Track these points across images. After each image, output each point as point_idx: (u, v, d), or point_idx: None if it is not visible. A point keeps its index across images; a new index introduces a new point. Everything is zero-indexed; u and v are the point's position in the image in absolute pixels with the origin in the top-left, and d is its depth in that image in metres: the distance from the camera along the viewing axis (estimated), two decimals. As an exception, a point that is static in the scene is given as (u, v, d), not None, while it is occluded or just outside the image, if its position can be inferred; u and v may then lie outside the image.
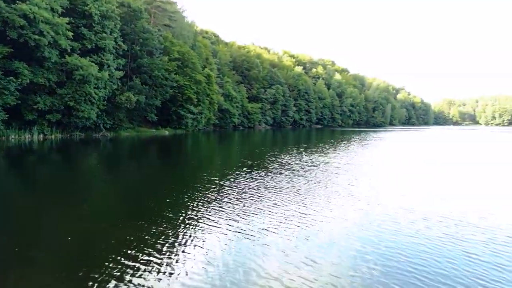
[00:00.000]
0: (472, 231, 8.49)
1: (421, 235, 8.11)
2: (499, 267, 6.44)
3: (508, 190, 13.98)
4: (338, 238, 7.89)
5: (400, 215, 9.73)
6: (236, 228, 8.51)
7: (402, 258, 6.78)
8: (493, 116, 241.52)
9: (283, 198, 11.71)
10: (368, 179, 15.82)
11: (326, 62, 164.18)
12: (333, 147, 34.60)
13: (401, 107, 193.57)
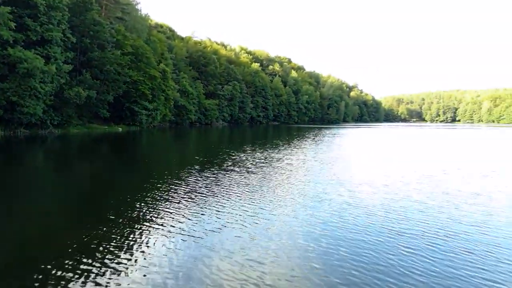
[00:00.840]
0: (411, 225, 9.04)
1: (363, 230, 8.50)
2: (433, 260, 6.93)
3: (447, 187, 14.99)
4: (284, 236, 8.08)
5: (345, 211, 10.11)
6: (182, 229, 8.47)
7: (345, 254, 7.09)
8: (438, 114, 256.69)
9: (233, 197, 11.79)
10: (318, 176, 16.30)
11: (283, 60, 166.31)
12: (287, 144, 35.24)
13: (354, 105, 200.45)
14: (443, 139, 49.80)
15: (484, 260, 6.92)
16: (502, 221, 9.55)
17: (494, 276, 6.25)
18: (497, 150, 32.40)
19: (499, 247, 7.60)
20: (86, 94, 45.48)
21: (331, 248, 7.40)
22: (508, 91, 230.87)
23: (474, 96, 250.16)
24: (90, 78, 48.46)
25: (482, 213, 10.23)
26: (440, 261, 6.82)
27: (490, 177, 16.58)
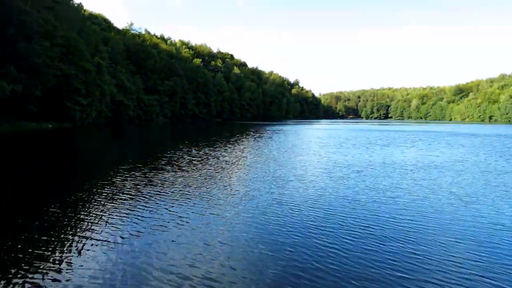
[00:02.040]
0: (336, 220, 9.68)
1: (289, 227, 8.96)
2: (351, 251, 7.54)
3: (372, 181, 16.11)
4: (217, 234, 8.30)
5: (273, 208, 10.56)
6: (104, 234, 8.37)
7: (265, 251, 7.46)
8: (372, 111, 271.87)
9: (162, 197, 11.78)
10: (252, 173, 16.72)
11: (225, 56, 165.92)
12: (226, 141, 35.47)
13: (295, 101, 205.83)
14: (369, 141, 53.06)
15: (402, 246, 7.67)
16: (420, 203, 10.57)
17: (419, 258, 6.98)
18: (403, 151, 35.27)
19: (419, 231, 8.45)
20: (10, 89, 42.13)
21: (257, 246, 7.73)
22: (434, 90, 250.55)
23: (404, 94, 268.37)
24: (15, 71, 44.93)
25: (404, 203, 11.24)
26: (359, 252, 7.42)
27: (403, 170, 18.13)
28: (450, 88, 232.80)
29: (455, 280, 6.22)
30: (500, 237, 8.42)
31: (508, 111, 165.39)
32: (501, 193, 13.08)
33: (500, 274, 6.47)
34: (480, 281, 6.20)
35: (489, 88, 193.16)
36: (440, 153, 27.30)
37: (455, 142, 39.12)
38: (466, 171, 18.32)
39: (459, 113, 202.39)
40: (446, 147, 32.24)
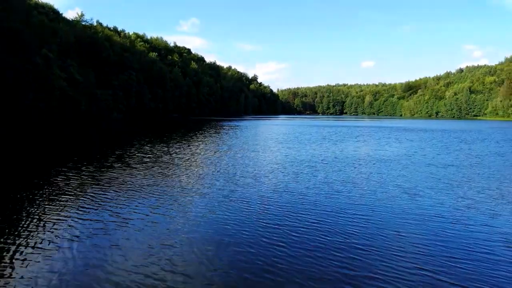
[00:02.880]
0: (284, 216, 9.82)
1: (239, 221, 8.93)
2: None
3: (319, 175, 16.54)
4: (162, 235, 8.08)
5: (221, 206, 10.51)
6: (49, 236, 7.95)
7: (210, 248, 7.43)
8: (328, 106, 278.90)
9: (111, 196, 11.36)
10: (207, 169, 16.59)
11: (182, 50, 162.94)
12: (180, 138, 34.94)
13: (253, 97, 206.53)
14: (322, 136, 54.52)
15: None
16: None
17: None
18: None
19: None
20: None
21: (202, 247, 7.63)
22: (385, 87, 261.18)
23: (358, 91, 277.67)
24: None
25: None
26: (305, 249, 7.56)
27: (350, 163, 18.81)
28: (401, 85, 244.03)
29: (397, 271, 6.45)
30: (442, 228, 8.87)
31: (453, 107, 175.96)
32: (444, 186, 13.84)
33: (440, 266, 6.79)
34: (421, 272, 6.47)
35: (436, 86, 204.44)
36: (389, 147, 28.52)
37: (403, 137, 41.05)
38: (412, 164, 19.26)
39: (409, 109, 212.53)
40: (395, 142, 33.74)
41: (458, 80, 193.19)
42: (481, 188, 13.56)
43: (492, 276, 6.36)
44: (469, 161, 21.10)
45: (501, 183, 14.48)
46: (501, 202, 11.43)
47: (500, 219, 9.69)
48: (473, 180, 15.19)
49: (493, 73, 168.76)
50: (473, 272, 6.52)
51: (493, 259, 7.09)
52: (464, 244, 7.86)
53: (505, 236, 8.34)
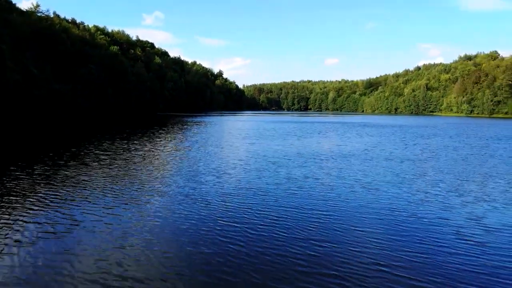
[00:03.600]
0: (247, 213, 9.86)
1: (198, 219, 8.76)
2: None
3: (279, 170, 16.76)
4: (114, 239, 7.81)
5: (184, 204, 10.30)
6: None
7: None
8: (293, 102, 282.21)
9: (64, 197, 10.87)
10: (169, 167, 16.31)
11: (145, 44, 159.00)
12: (141, 134, 34.20)
13: (219, 93, 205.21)
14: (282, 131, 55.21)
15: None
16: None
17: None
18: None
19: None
20: None
21: (156, 248, 7.45)
22: (348, 84, 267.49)
23: (322, 87, 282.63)
24: None
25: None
26: (262, 247, 7.54)
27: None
28: (362, 82, 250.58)
29: (354, 267, 6.54)
30: (398, 222, 9.13)
31: (411, 104, 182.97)
32: (400, 180, 14.33)
33: (396, 260, 6.96)
34: (377, 267, 6.60)
35: (395, 83, 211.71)
36: (350, 143, 29.29)
37: (363, 132, 42.28)
38: (371, 159, 19.87)
39: (370, 105, 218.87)
40: (356, 137, 34.69)
41: (416, 77, 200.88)
42: (435, 181, 14.19)
43: (444, 268, 6.59)
44: (424, 155, 22.06)
45: (454, 176, 15.23)
46: (454, 195, 12.01)
47: (453, 211, 10.14)
48: (428, 174, 15.88)
49: (448, 71, 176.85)
50: (426, 265, 6.73)
51: (445, 251, 7.36)
52: (418, 237, 8.10)
53: (456, 229, 8.70)
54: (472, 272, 6.48)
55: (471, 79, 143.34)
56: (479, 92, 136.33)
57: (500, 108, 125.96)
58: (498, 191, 12.62)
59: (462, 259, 7.03)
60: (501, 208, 10.55)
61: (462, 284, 6.07)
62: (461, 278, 6.27)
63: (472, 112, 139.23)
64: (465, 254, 7.25)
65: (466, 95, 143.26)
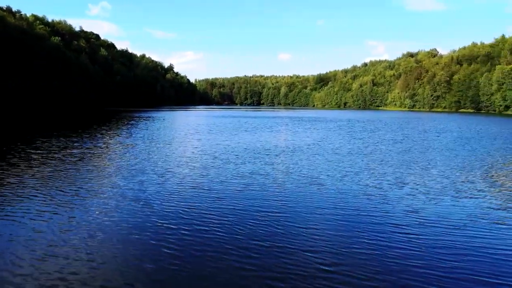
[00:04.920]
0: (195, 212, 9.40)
1: (138, 221, 8.23)
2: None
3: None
4: (51, 244, 7.04)
5: (125, 205, 9.71)
6: None
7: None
8: (246, 97, 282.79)
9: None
10: (111, 165, 15.40)
11: (90, 35, 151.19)
12: (88, 130, 32.37)
13: (170, 87, 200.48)
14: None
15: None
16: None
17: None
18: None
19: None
20: None
21: (91, 254, 6.81)
22: (299, 79, 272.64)
23: (274, 82, 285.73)
24: None
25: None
26: (201, 249, 7.16)
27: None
28: (313, 78, 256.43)
29: (299, 267, 6.34)
30: (343, 218, 9.10)
31: (359, 98, 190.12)
32: (345, 174, 14.44)
33: (341, 259, 6.85)
34: (322, 267, 6.44)
35: (344, 78, 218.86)
36: (298, 137, 29.59)
37: (313, 127, 43.07)
38: (318, 154, 20.06)
39: (320, 100, 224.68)
40: (304, 132, 35.18)
41: (363, 73, 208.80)
42: (378, 174, 14.50)
43: (383, 263, 6.59)
44: (368, 149, 22.68)
45: (395, 169, 15.69)
46: (395, 188, 12.30)
47: (393, 204, 10.31)
48: (371, 167, 16.21)
49: (392, 67, 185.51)
50: (366, 260, 6.69)
51: (384, 245, 7.40)
52: (359, 232, 8.11)
53: (395, 221, 8.83)
54: (409, 265, 6.53)
55: (413, 75, 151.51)
56: (420, 87, 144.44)
57: (439, 102, 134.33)
58: (434, 183, 13.15)
59: (400, 252, 7.09)
60: (436, 199, 10.93)
61: (400, 278, 6.07)
62: (398, 271, 6.28)
63: (414, 107, 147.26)
64: (403, 247, 7.33)
65: (409, 90, 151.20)
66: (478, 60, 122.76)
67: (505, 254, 7.05)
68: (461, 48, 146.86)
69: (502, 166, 16.69)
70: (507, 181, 13.50)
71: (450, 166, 16.68)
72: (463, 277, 6.11)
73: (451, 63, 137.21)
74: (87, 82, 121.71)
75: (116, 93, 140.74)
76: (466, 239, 7.78)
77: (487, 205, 10.36)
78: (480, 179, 13.88)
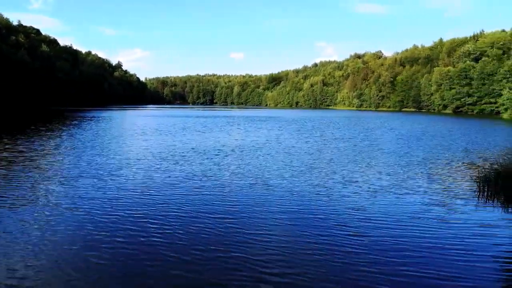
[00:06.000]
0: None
1: (70, 230, 7.61)
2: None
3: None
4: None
5: (52, 213, 8.97)
6: None
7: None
8: (198, 96, 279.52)
9: None
10: (45, 169, 14.28)
11: (29, 30, 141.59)
12: (22, 132, 30.09)
13: (118, 85, 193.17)
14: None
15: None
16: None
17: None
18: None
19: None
20: None
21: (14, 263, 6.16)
22: (252, 78, 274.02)
23: (227, 81, 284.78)
24: None
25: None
26: (141, 253, 6.72)
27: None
28: (266, 77, 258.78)
29: (236, 273, 6.06)
30: (287, 217, 8.99)
31: (310, 98, 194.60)
32: (293, 173, 14.41)
33: (282, 258, 6.65)
34: (263, 269, 6.20)
35: (296, 78, 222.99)
36: (249, 137, 29.45)
37: (265, 126, 43.21)
38: (269, 153, 19.96)
39: (273, 99, 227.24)
40: (256, 131, 35.18)
41: (313, 73, 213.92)
42: (325, 173, 14.63)
43: (332, 264, 6.50)
44: (318, 147, 23.00)
45: (343, 167, 15.92)
46: (342, 186, 12.42)
47: (338, 202, 10.39)
48: (319, 165, 16.34)
49: (341, 68, 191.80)
50: (315, 261, 6.56)
51: (332, 245, 7.34)
52: (309, 235, 7.96)
53: (340, 220, 8.85)
54: (354, 264, 6.50)
55: (360, 76, 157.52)
56: (367, 87, 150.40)
57: (384, 102, 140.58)
58: (378, 180, 13.49)
59: (346, 251, 7.06)
60: (381, 197, 11.17)
61: (346, 278, 6.01)
62: (344, 271, 6.22)
63: (361, 106, 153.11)
64: (349, 246, 7.33)
65: (356, 90, 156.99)
66: (419, 62, 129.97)
67: (446, 250, 7.23)
68: (403, 50, 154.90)
69: (441, 163, 17.53)
70: (446, 178, 14.14)
71: (393, 163, 17.25)
72: (406, 274, 6.16)
73: (394, 64, 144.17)
74: (26, 80, 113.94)
75: (60, 91, 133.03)
76: (409, 237, 7.94)
77: (427, 201, 10.71)
78: (421, 176, 14.44)
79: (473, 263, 6.63)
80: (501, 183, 10.87)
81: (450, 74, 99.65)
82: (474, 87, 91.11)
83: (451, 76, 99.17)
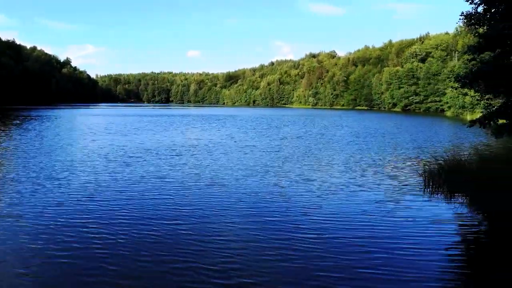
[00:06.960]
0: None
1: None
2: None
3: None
4: None
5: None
6: None
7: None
8: (154, 94, 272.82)
9: None
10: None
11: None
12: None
13: (67, 83, 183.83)
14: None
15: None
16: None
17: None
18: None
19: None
20: None
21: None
22: (209, 76, 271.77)
23: (183, 79, 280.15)
24: None
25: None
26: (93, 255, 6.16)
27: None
28: (223, 75, 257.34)
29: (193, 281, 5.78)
30: (242, 218, 8.67)
31: (267, 96, 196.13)
32: (250, 172, 14.13)
33: (237, 260, 6.37)
34: (219, 273, 5.86)
35: (253, 77, 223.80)
36: (204, 135, 28.96)
37: (221, 125, 42.77)
38: (225, 152, 19.57)
39: (230, 98, 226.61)
40: (212, 129, 34.68)
41: (270, 72, 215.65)
42: (281, 172, 14.47)
43: (287, 266, 6.30)
44: (274, 146, 22.95)
45: (297, 166, 15.88)
46: (297, 185, 12.32)
47: (296, 202, 10.26)
48: (275, 163, 16.19)
49: (297, 67, 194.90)
50: (270, 262, 6.32)
51: (289, 247, 7.12)
52: (264, 238, 7.70)
53: (296, 220, 8.69)
54: (310, 265, 6.32)
55: (315, 74, 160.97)
56: (321, 86, 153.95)
57: (338, 100, 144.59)
58: (331, 178, 13.56)
59: (301, 255, 6.84)
60: (335, 195, 11.19)
61: (303, 278, 5.81)
62: (300, 272, 6.05)
63: (317, 104, 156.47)
64: (303, 249, 7.13)
65: (312, 89, 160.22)
66: (371, 62, 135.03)
67: (399, 246, 7.28)
68: (356, 51, 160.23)
69: (391, 160, 18.06)
70: (396, 174, 14.52)
71: (347, 161, 17.50)
72: (362, 272, 6.06)
73: (347, 64, 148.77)
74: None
75: (1, 88, 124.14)
76: (363, 234, 7.93)
77: (381, 198, 10.86)
78: (373, 172, 14.72)
79: (418, 257, 6.72)
80: (444, 176, 11.56)
81: (399, 74, 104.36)
82: (420, 86, 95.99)
83: (399, 76, 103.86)
